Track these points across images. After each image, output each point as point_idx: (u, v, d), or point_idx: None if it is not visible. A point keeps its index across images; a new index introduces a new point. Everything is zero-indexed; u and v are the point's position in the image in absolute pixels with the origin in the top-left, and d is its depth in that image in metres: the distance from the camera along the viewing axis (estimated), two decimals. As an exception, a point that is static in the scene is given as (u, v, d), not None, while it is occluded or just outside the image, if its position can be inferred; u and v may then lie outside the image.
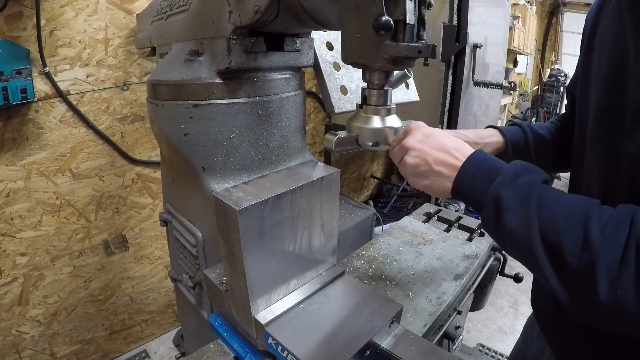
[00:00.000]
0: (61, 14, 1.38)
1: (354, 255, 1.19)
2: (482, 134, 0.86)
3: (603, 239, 0.43)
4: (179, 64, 0.76)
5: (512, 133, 0.87)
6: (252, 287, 0.66)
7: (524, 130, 0.89)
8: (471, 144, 0.76)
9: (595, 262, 0.43)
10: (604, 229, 0.44)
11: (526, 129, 0.89)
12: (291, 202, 0.68)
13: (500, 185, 0.54)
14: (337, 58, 0.97)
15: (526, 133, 0.88)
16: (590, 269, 0.43)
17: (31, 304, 1.60)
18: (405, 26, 0.54)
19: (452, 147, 0.62)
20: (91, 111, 1.54)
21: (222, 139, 0.75)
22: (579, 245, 0.45)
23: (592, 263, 0.43)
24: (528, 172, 0.55)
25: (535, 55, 5.40)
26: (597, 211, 0.47)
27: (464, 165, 0.59)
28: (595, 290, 0.43)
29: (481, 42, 1.99)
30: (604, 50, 0.66)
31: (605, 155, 0.64)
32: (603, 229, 0.44)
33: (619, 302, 0.42)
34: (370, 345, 0.68)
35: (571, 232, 0.46)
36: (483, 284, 1.27)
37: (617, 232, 0.43)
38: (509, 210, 0.52)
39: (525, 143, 0.87)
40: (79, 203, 1.61)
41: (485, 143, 0.84)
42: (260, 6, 0.60)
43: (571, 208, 0.49)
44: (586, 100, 0.71)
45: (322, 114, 2.51)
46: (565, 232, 0.46)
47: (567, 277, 0.46)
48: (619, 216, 0.45)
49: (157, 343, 2.05)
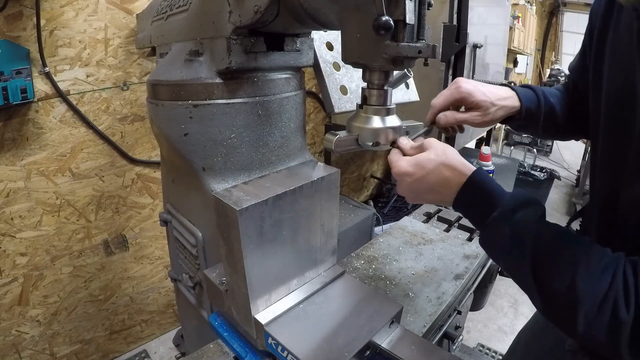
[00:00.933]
0: (61, 14, 1.38)
1: (354, 255, 1.19)
2: (500, 94, 0.82)
3: (587, 287, 0.49)
4: (179, 64, 0.76)
5: (528, 99, 0.85)
6: (252, 287, 0.66)
7: (538, 97, 0.86)
8: (488, 105, 0.78)
9: (577, 304, 0.49)
10: (590, 278, 0.50)
11: (540, 95, 0.87)
12: (291, 202, 0.68)
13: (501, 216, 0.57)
14: (337, 58, 0.97)
15: (540, 100, 0.86)
16: (572, 308, 0.50)
17: (31, 304, 1.60)
18: (405, 26, 0.54)
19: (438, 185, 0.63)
20: (91, 111, 1.54)
21: (222, 139, 0.75)
22: (566, 287, 0.51)
23: (575, 304, 0.50)
24: (524, 207, 0.58)
25: (535, 55, 5.40)
26: (585, 257, 0.52)
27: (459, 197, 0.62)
28: (575, 325, 0.50)
29: (481, 42, 1.99)
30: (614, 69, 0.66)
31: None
32: (589, 277, 0.50)
33: (593, 338, 0.50)
34: (371, 345, 0.68)
35: (561, 276, 0.52)
36: (483, 284, 1.27)
37: (600, 282, 0.49)
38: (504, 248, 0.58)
39: (537, 110, 0.86)
40: (79, 203, 1.61)
41: (501, 105, 0.82)
42: (260, 6, 0.60)
43: (563, 251, 0.54)
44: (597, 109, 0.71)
45: (322, 114, 2.51)
46: (555, 274, 0.52)
47: (553, 309, 0.54)
48: (604, 266, 0.50)
49: (157, 343, 2.05)
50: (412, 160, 0.64)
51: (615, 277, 0.49)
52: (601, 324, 0.48)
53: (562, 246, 0.54)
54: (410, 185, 0.65)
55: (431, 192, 0.64)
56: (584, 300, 0.49)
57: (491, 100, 0.80)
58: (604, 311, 0.48)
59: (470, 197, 0.61)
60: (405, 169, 0.64)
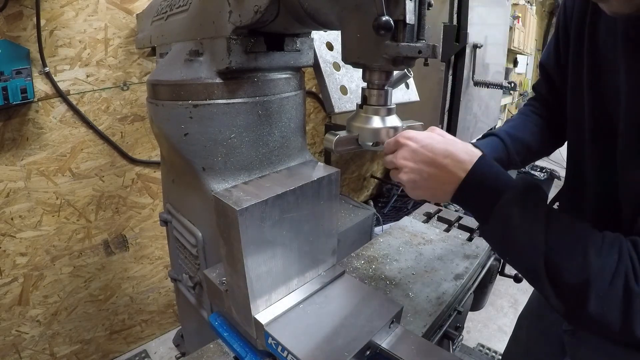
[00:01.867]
0: (61, 14, 1.38)
1: (354, 255, 1.19)
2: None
3: (598, 262, 0.49)
4: (179, 64, 0.76)
5: (492, 149, 0.86)
6: (252, 287, 0.66)
7: (502, 140, 0.87)
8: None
9: (589, 282, 0.49)
10: (600, 254, 0.50)
11: (504, 138, 0.87)
12: (291, 202, 0.68)
13: (510, 203, 0.55)
14: (337, 58, 0.97)
15: (505, 143, 0.87)
16: (584, 287, 0.49)
17: (31, 304, 1.60)
18: (405, 26, 0.54)
19: (443, 157, 0.60)
20: (91, 111, 1.54)
21: (222, 139, 0.75)
22: (578, 266, 0.50)
23: (586, 282, 0.49)
24: (535, 190, 0.57)
25: (535, 55, 5.40)
26: (592, 236, 0.52)
27: (467, 179, 0.58)
28: (586, 305, 0.49)
29: (481, 42, 1.99)
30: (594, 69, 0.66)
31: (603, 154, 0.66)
32: (599, 253, 0.50)
33: (604, 316, 0.49)
34: (371, 345, 0.68)
35: (573, 255, 0.51)
36: (483, 284, 1.27)
37: (609, 257, 0.50)
38: (518, 227, 0.55)
39: (507, 154, 0.87)
40: (79, 203, 1.61)
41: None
42: (260, 6, 0.60)
43: (574, 231, 0.53)
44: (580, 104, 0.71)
45: (322, 114, 2.51)
46: (567, 254, 0.51)
47: (563, 291, 0.52)
48: (610, 242, 0.51)
49: (157, 343, 2.05)
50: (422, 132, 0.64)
51: (621, 253, 0.50)
52: (614, 298, 0.48)
53: (573, 226, 0.54)
54: (414, 152, 0.61)
55: (434, 164, 0.60)
56: (596, 277, 0.49)
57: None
58: (616, 285, 0.48)
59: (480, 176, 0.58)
60: (413, 135, 0.63)
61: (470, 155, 0.60)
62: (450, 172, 0.59)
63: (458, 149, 0.60)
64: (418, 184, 0.62)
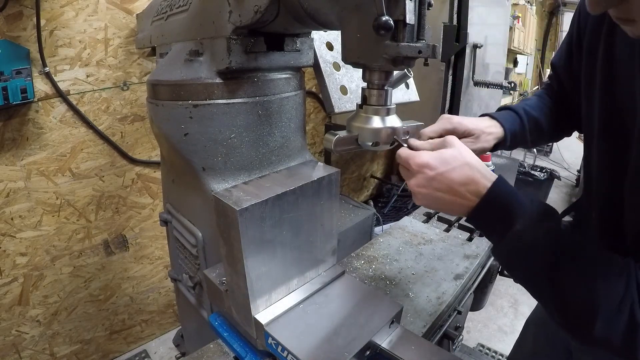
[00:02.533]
0: (61, 14, 1.38)
1: (354, 255, 1.19)
2: (482, 125, 0.83)
3: (606, 291, 0.50)
4: (179, 64, 0.76)
5: (510, 122, 0.86)
6: (252, 287, 0.66)
7: (519, 116, 0.88)
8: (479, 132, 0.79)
9: (597, 307, 0.50)
10: (608, 282, 0.50)
11: (522, 114, 0.88)
12: (291, 202, 0.68)
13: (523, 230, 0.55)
14: (337, 58, 0.97)
15: (522, 119, 0.87)
16: (591, 313, 0.50)
17: (31, 304, 1.60)
18: (405, 26, 0.53)
19: (459, 184, 0.58)
20: (91, 111, 1.54)
21: (222, 139, 0.75)
22: (586, 293, 0.51)
23: (593, 308, 0.50)
24: (549, 215, 0.56)
25: (535, 55, 5.40)
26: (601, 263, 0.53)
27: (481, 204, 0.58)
28: (592, 329, 0.50)
29: (481, 42, 1.99)
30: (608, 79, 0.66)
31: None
32: (607, 281, 0.50)
33: (609, 341, 0.50)
34: (371, 345, 0.68)
35: (582, 281, 0.52)
36: (483, 284, 1.27)
37: (617, 285, 0.50)
38: (530, 252, 0.55)
39: (523, 130, 0.87)
40: (79, 203, 1.61)
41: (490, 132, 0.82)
42: (260, 6, 0.60)
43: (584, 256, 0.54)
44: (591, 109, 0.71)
45: (322, 114, 2.51)
46: (577, 280, 0.52)
47: (570, 314, 0.53)
48: (619, 270, 0.51)
49: (157, 343, 2.05)
50: (436, 154, 0.60)
51: (629, 281, 0.50)
52: (619, 326, 0.49)
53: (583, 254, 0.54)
54: (430, 180, 0.59)
55: (450, 191, 0.58)
56: (603, 304, 0.49)
57: (481, 128, 0.81)
58: (623, 312, 0.49)
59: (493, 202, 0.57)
60: (427, 161, 0.59)
61: (487, 179, 0.58)
62: (466, 198, 0.59)
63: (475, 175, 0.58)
64: (432, 206, 0.63)
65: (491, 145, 0.82)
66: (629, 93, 0.61)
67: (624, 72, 0.63)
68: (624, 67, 0.63)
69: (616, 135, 0.65)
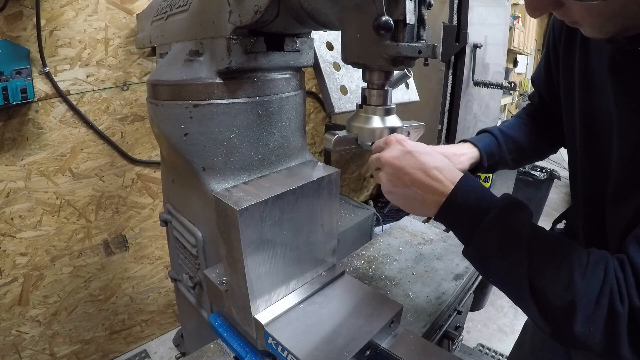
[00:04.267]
0: (61, 14, 1.38)
1: (354, 255, 1.19)
2: (452, 149, 0.84)
3: (583, 283, 0.49)
4: (179, 64, 0.76)
5: (483, 142, 0.86)
6: (252, 287, 0.66)
7: (494, 136, 0.88)
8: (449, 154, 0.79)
9: (575, 303, 0.48)
10: (584, 274, 0.49)
11: (497, 134, 0.88)
12: (291, 202, 0.68)
13: (491, 227, 0.54)
14: (337, 58, 0.97)
15: (497, 139, 0.88)
16: (570, 308, 0.49)
17: (31, 304, 1.60)
18: (405, 26, 0.54)
19: (433, 167, 0.58)
20: (91, 111, 1.54)
21: (222, 139, 0.75)
22: (563, 287, 0.50)
23: (572, 303, 0.49)
24: (519, 209, 0.55)
25: (535, 55, 5.39)
26: (577, 256, 0.51)
27: (452, 196, 0.57)
28: (572, 325, 0.49)
29: (481, 42, 1.98)
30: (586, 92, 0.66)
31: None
32: (584, 273, 0.49)
33: (590, 336, 0.48)
34: (371, 345, 0.68)
35: (557, 276, 0.50)
36: (483, 284, 1.27)
37: (594, 277, 0.49)
38: (500, 250, 0.54)
39: (499, 150, 0.87)
40: (79, 203, 1.61)
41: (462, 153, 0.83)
42: (260, 6, 0.60)
43: (557, 252, 0.52)
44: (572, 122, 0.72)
45: (322, 114, 2.51)
46: (552, 275, 0.51)
47: (548, 312, 0.52)
48: (595, 261, 0.50)
49: (157, 343, 2.05)
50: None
51: (607, 272, 0.49)
52: (599, 319, 0.48)
53: (556, 246, 0.53)
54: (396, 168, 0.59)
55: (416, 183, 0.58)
56: (581, 298, 0.48)
57: (451, 151, 0.82)
58: (601, 306, 0.48)
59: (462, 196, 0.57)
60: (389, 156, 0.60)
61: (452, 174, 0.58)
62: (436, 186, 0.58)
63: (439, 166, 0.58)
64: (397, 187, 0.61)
65: (465, 166, 0.82)
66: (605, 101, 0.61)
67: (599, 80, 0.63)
68: (598, 75, 0.63)
69: (596, 144, 0.65)
